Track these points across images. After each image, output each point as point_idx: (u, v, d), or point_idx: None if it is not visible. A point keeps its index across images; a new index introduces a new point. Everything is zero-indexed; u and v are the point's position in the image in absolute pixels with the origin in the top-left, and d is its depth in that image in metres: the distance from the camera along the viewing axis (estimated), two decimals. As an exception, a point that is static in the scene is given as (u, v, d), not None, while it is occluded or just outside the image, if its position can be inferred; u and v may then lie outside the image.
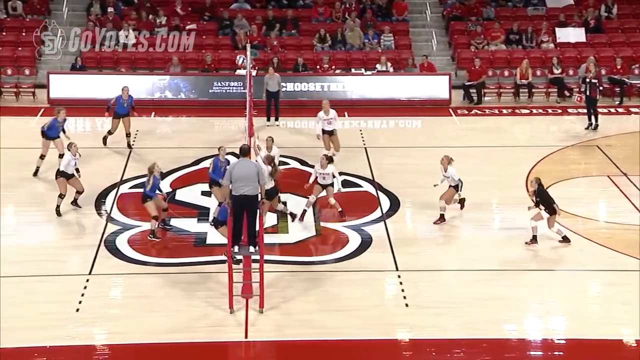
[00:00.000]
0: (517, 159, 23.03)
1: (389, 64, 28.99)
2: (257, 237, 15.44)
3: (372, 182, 21.55)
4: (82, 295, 16.07)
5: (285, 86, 27.09)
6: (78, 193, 19.63)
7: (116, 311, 15.78)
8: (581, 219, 19.51)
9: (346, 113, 26.33)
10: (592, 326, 15.29)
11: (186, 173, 22.10)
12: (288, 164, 22.30)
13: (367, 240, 18.50)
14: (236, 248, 15.54)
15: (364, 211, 19.86)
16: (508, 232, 18.83)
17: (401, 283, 16.68)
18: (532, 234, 18.05)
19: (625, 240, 18.46)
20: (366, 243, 18.37)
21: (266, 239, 16.71)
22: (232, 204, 15.48)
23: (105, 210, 19.82)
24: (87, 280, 16.68)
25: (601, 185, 21.62)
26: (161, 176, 19.02)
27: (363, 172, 22.16)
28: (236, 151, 17.43)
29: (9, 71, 28.99)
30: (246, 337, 14.84)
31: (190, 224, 19.12)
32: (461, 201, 19.48)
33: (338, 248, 18.23)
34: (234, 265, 15.68)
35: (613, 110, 27.79)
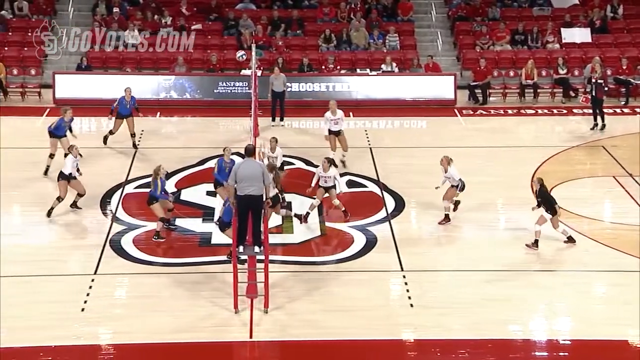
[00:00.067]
0: (523, 160, 22.99)
1: (394, 64, 28.97)
2: (262, 237, 15.44)
3: (377, 183, 21.54)
4: (88, 295, 16.10)
5: (290, 86, 27.11)
6: (79, 195, 19.58)
7: (121, 311, 15.80)
8: (586, 220, 19.48)
9: (351, 113, 26.30)
10: (598, 327, 15.26)
11: (191, 173, 22.10)
12: (293, 164, 22.31)
13: (372, 240, 18.49)
14: (241, 248, 15.53)
15: (369, 211, 19.84)
16: (513, 233, 18.79)
17: (406, 283, 16.67)
18: (535, 238, 17.94)
19: (630, 241, 18.42)
20: (371, 243, 18.36)
21: (271, 239, 16.72)
22: (237, 204, 15.47)
23: (110, 210, 19.84)
24: (92, 280, 16.69)
25: (607, 185, 21.58)
26: (166, 176, 19.01)
27: (368, 173, 22.15)
28: (241, 151, 17.42)
29: (15, 71, 28.97)
30: (251, 337, 14.84)
31: (195, 224, 19.13)
32: (455, 203, 19.30)
33: (343, 248, 18.23)
34: (239, 265, 15.70)
35: (619, 110, 27.73)
